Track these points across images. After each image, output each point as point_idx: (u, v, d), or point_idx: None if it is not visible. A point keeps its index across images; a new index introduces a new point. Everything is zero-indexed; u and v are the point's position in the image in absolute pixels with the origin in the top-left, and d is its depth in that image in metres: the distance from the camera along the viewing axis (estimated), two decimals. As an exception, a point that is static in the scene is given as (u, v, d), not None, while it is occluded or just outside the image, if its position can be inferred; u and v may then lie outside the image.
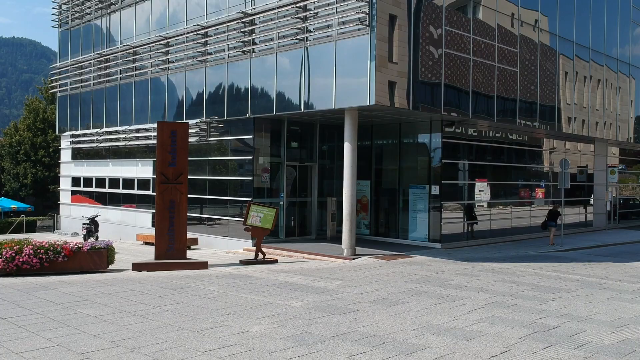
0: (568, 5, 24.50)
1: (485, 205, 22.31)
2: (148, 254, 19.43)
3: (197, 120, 21.92)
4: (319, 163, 22.62)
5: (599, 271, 15.55)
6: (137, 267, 15.07)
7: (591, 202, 29.30)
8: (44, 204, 46.24)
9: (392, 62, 16.56)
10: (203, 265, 15.33)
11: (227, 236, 21.39)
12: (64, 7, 30.37)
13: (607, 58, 27.39)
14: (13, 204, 41.67)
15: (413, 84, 17.15)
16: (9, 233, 32.72)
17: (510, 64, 21.14)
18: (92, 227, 25.68)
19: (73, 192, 30.59)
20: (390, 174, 22.21)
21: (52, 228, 34.72)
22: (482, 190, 22.19)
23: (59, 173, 32.53)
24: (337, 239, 19.79)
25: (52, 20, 31.45)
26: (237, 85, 20.63)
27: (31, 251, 14.33)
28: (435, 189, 20.18)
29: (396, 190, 21.79)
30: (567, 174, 21.85)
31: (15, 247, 14.30)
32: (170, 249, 15.50)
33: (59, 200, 32.75)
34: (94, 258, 14.94)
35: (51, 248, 14.53)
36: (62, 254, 14.56)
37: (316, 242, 21.42)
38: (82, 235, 25.47)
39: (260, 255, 16.92)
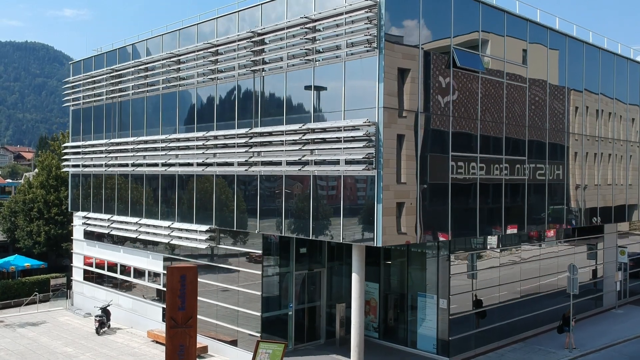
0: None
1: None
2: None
3: (207, 227, 22.15)
4: (328, 266, 22.76)
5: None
6: (148, 416, 15.28)
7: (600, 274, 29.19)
8: (57, 253, 46.87)
9: (400, 197, 16.75)
10: (212, 412, 15.51)
11: (235, 344, 21.55)
12: (75, 88, 30.82)
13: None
14: (27, 262, 42.21)
15: (421, 218, 17.31)
16: (24, 305, 33.08)
17: (518, 173, 21.24)
18: (104, 318, 25.97)
19: (84, 254, 30.99)
20: (399, 278, 22.31)
21: (66, 297, 34.96)
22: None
23: (72, 236, 33.04)
24: (346, 343, 20.06)
25: (64, 100, 31.98)
26: (246, 199, 20.85)
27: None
28: (443, 303, 20.25)
29: (405, 295, 21.89)
30: (575, 280, 21.87)
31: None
32: (180, 393, 15.68)
33: (72, 254, 33.24)
34: (105, 408, 15.17)
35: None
36: (74, 407, 14.82)
37: (325, 348, 21.62)
38: (95, 328, 25.77)
39: (269, 389, 17.07)
